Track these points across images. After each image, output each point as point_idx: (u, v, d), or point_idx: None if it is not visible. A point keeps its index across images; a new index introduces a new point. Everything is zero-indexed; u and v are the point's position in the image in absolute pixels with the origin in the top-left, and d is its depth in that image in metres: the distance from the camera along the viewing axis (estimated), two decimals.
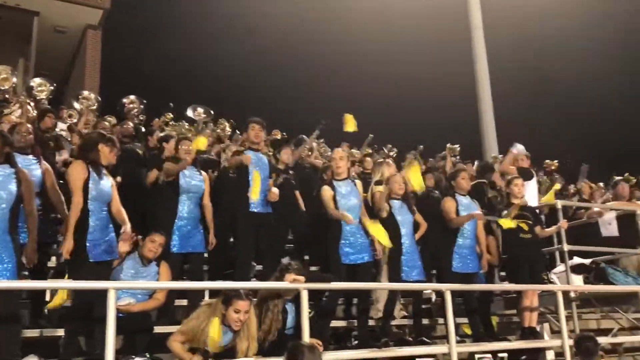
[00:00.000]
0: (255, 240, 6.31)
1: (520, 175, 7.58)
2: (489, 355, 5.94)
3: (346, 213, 5.88)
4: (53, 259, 6.86)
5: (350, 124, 7.38)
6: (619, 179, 8.71)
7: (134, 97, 9.40)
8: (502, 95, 19.01)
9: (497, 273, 7.80)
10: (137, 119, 9.15)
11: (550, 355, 6.62)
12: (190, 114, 9.76)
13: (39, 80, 9.50)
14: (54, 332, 5.14)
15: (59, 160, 7.12)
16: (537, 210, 7.65)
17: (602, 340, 5.94)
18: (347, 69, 24.45)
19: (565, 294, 6.67)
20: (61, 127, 8.91)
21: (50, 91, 9.35)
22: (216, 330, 4.49)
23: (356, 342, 6.03)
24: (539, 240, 7.09)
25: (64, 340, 4.85)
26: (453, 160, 11.28)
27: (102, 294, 4.07)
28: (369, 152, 11.18)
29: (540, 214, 7.98)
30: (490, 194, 8.19)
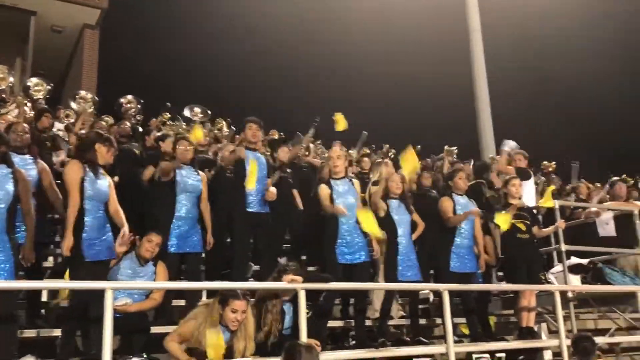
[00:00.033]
0: (252, 240, 6.30)
1: (518, 175, 7.59)
2: (487, 355, 5.94)
3: (340, 206, 5.87)
4: (50, 259, 6.88)
5: (341, 123, 7.33)
6: (616, 179, 8.72)
7: (131, 97, 9.39)
8: (502, 95, 19.02)
9: (495, 273, 7.80)
10: (135, 118, 9.14)
11: (547, 355, 6.63)
12: (188, 114, 9.76)
13: (36, 80, 9.50)
14: (50, 332, 5.12)
15: (56, 161, 7.10)
16: (535, 211, 7.66)
17: (600, 340, 5.94)
18: (346, 69, 24.48)
19: (563, 294, 6.68)
20: (58, 127, 8.90)
21: (47, 91, 9.35)
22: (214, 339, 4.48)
23: (353, 342, 6.02)
24: (537, 240, 7.10)
25: (61, 341, 4.85)
26: (450, 159, 11.28)
27: (99, 294, 4.06)
28: (367, 152, 11.18)
29: (538, 214, 7.99)
30: (488, 193, 8.19)
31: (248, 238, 6.27)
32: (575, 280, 7.30)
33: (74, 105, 9.76)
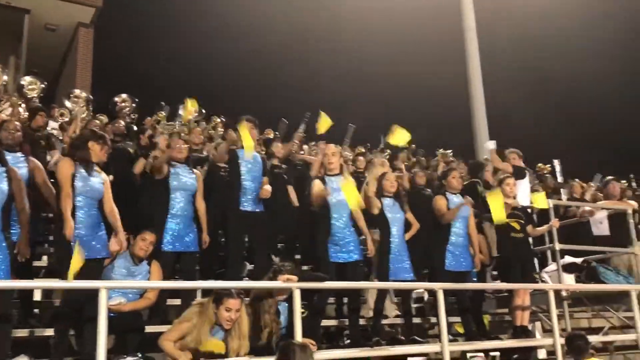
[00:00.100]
0: (247, 239, 6.28)
1: (513, 174, 7.61)
2: (481, 354, 5.96)
3: (328, 188, 5.90)
4: (44, 258, 6.85)
5: (325, 124, 7.31)
6: (610, 178, 8.75)
7: (125, 96, 9.38)
8: (502, 95, 19.02)
9: (489, 272, 7.82)
10: (129, 117, 9.13)
11: (542, 353, 6.65)
12: (182, 113, 9.73)
13: (30, 78, 9.46)
14: (44, 332, 5.09)
15: (50, 161, 7.07)
16: (529, 210, 7.68)
17: (593, 339, 5.96)
18: (341, 69, 24.46)
19: (557, 292, 6.70)
20: (52, 126, 8.87)
21: (41, 89, 9.31)
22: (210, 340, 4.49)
23: (348, 341, 6.03)
24: (530, 239, 7.13)
25: (54, 340, 4.82)
26: (446, 160, 11.32)
27: (92, 293, 4.05)
28: (362, 151, 11.19)
29: (532, 213, 8.01)
30: (484, 193, 8.20)
31: (242, 237, 6.26)
32: (569, 279, 7.32)
33: (68, 104, 9.72)
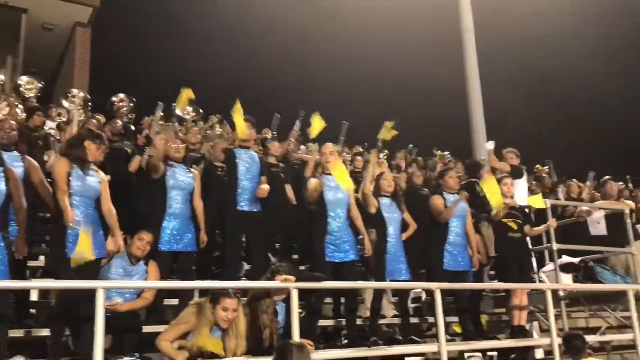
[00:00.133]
0: (244, 238, 6.27)
1: (510, 173, 7.62)
2: (479, 354, 5.97)
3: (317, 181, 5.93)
4: (42, 258, 6.84)
5: (317, 127, 7.28)
6: (607, 178, 8.76)
7: (123, 96, 9.34)
8: (501, 96, 19.00)
9: (486, 272, 7.83)
10: (127, 117, 9.10)
11: (539, 353, 6.67)
12: (179, 113, 9.70)
13: (27, 78, 9.42)
14: (40, 332, 5.07)
15: (48, 161, 7.05)
16: (527, 210, 7.68)
17: (590, 339, 5.96)
18: (339, 70, 24.43)
19: (554, 292, 6.71)
20: (50, 126, 8.84)
21: (39, 89, 9.28)
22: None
23: (346, 341, 6.02)
24: (528, 239, 7.15)
25: (50, 340, 4.80)
26: (444, 162, 11.32)
27: (88, 293, 4.03)
28: (360, 151, 11.17)
29: (530, 212, 8.01)
30: (482, 193, 8.20)
31: (239, 237, 6.24)
32: (566, 279, 7.33)
33: (65, 103, 9.69)
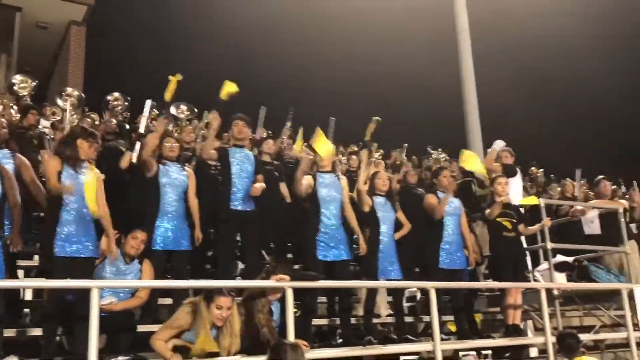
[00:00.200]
0: (238, 238, 6.26)
1: (504, 172, 7.63)
2: (473, 353, 5.97)
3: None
4: (36, 258, 6.81)
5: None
6: (601, 177, 8.78)
7: (118, 94, 9.32)
8: (502, 95, 18.98)
9: (481, 271, 7.85)
10: (121, 116, 9.08)
11: (533, 352, 6.70)
12: (174, 112, 9.69)
13: (21, 76, 9.41)
14: (33, 332, 5.04)
15: (42, 160, 7.03)
16: (522, 209, 7.70)
17: (584, 337, 5.99)
18: (334, 70, 24.42)
19: (549, 291, 6.72)
20: (44, 124, 8.82)
21: (33, 87, 9.26)
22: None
23: (340, 340, 6.03)
24: (522, 238, 7.16)
25: (44, 340, 4.78)
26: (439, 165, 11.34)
27: (80, 292, 4.02)
28: (354, 150, 11.19)
29: (526, 212, 8.03)
30: (479, 192, 8.23)
31: (234, 236, 6.22)
32: (560, 278, 7.35)
33: (60, 102, 9.67)
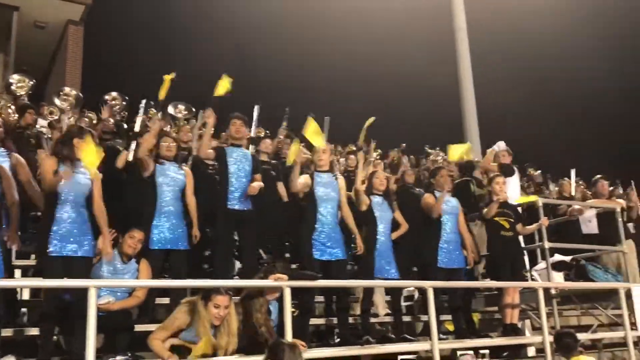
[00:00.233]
0: (236, 237, 6.25)
1: (501, 171, 7.64)
2: (471, 352, 5.97)
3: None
4: (32, 257, 6.80)
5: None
6: (599, 177, 8.80)
7: (115, 94, 9.32)
8: (502, 95, 18.97)
9: (479, 270, 7.85)
10: (119, 115, 9.07)
11: (531, 351, 6.70)
12: (172, 112, 9.68)
13: (19, 76, 9.40)
14: (31, 332, 5.03)
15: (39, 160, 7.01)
16: (520, 209, 7.70)
17: (582, 337, 5.99)
18: (332, 69, 24.42)
19: (546, 290, 6.74)
20: (42, 124, 8.80)
21: (30, 87, 9.25)
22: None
23: (338, 340, 6.03)
24: (520, 237, 7.17)
25: (41, 340, 4.76)
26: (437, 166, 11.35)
27: (77, 291, 4.01)
28: (352, 149, 11.18)
29: (524, 212, 8.04)
30: (477, 192, 8.23)
31: (231, 235, 6.21)
32: (558, 278, 7.36)
33: (57, 101, 9.65)
